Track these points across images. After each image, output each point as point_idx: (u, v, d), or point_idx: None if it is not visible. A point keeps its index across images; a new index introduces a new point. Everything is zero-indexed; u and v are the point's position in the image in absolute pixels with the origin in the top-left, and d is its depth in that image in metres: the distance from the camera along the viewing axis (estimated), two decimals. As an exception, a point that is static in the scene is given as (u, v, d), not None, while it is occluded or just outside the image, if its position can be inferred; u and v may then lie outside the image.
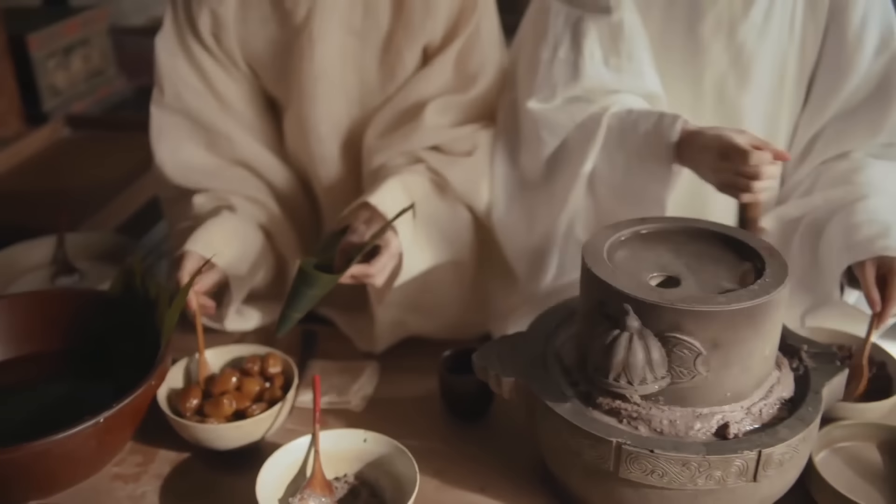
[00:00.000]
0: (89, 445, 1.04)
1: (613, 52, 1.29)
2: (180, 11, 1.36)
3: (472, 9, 1.34)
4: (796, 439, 0.96)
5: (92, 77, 2.43)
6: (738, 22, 1.28)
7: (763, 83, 1.33)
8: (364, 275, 1.21)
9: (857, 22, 1.28)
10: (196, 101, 1.39)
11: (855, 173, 1.29)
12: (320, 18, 1.31)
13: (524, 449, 1.15)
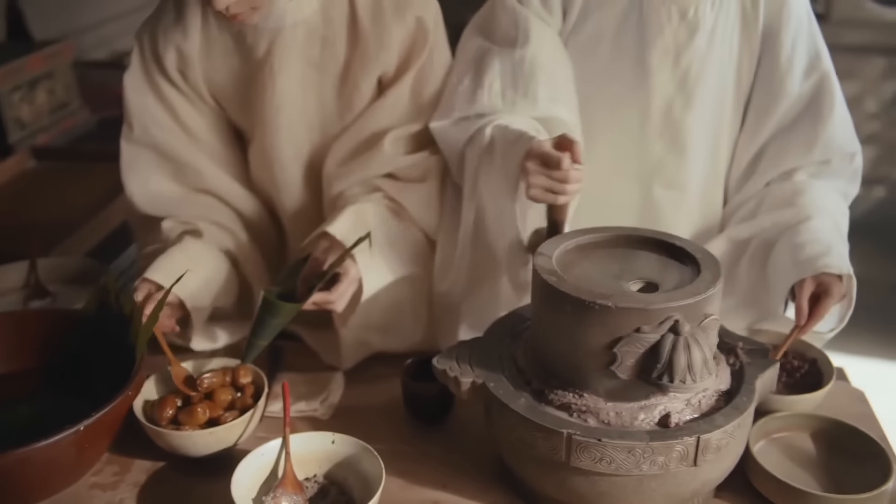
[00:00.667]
0: (69, 454, 1.09)
1: (511, 86, 1.36)
2: (147, 50, 1.42)
3: (424, 41, 1.41)
4: (732, 425, 1.04)
5: (56, 110, 2.48)
6: (683, 49, 1.38)
7: (706, 105, 1.42)
8: (325, 301, 1.29)
9: (788, 47, 1.39)
10: (164, 135, 1.45)
11: (798, 196, 1.39)
12: (280, 52, 1.38)
13: (483, 449, 1.22)
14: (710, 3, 1.36)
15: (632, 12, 1.37)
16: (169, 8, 1.41)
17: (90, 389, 1.23)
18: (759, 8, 1.38)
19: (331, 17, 1.38)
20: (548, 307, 1.08)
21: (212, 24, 1.39)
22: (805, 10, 1.40)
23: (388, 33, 1.38)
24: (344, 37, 1.40)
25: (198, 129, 1.46)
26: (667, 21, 1.36)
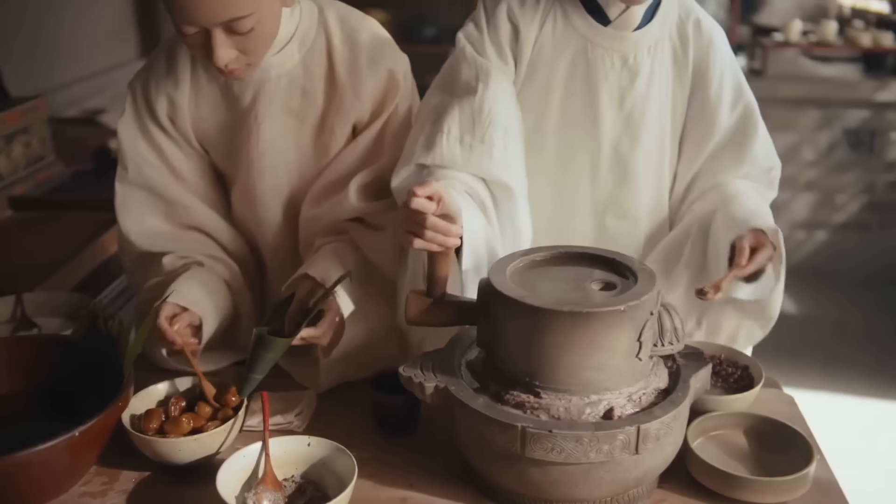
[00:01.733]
0: (63, 459, 1.18)
1: (469, 131, 1.44)
2: (140, 98, 1.54)
3: (395, 92, 1.54)
4: (668, 416, 1.16)
5: (32, 163, 2.58)
6: (626, 93, 1.53)
7: (649, 142, 1.57)
8: (312, 337, 1.40)
9: (716, 83, 1.54)
10: (155, 176, 1.56)
11: (725, 186, 1.55)
12: (264, 102, 1.51)
13: (446, 453, 1.32)
14: (647, 50, 1.51)
15: (578, 61, 1.51)
16: (161, 61, 1.54)
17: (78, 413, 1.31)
18: (688, 51, 1.54)
19: (310, 70, 1.51)
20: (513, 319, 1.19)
21: (201, 76, 1.52)
22: (727, 49, 1.56)
23: (363, 84, 1.51)
24: (322, 88, 1.52)
25: (185, 171, 1.58)
26: (610, 67, 1.51)
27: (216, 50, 1.34)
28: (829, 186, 4.44)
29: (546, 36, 1.50)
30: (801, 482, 1.23)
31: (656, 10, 1.50)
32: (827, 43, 4.41)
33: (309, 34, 1.51)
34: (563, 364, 1.17)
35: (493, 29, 1.50)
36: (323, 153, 1.55)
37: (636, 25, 1.49)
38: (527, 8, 1.50)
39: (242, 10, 1.30)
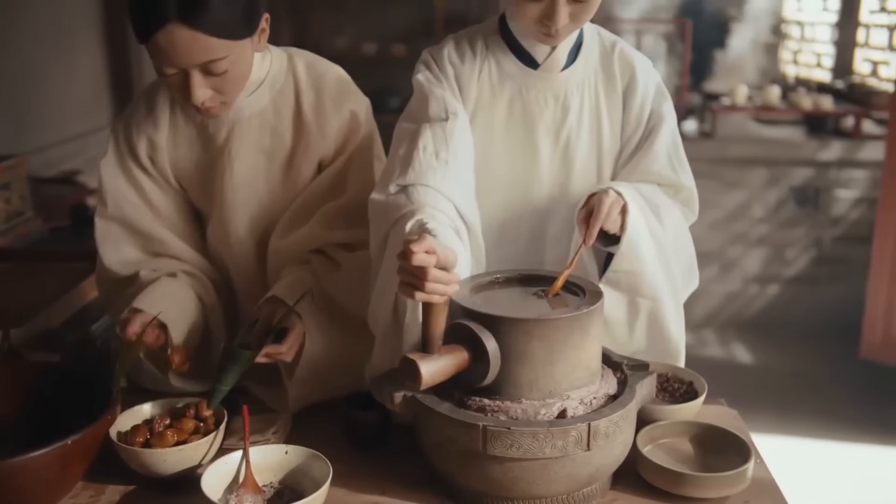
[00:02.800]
0: (55, 467, 1.26)
1: (444, 147, 1.54)
2: (122, 140, 1.66)
3: (357, 131, 1.68)
4: (617, 415, 1.28)
5: (12, 218, 2.67)
6: (560, 127, 1.66)
7: (585, 168, 1.68)
8: (276, 352, 1.50)
9: (640, 101, 1.66)
10: (133, 212, 1.67)
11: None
12: (237, 140, 1.63)
13: (416, 464, 1.42)
14: (575, 87, 1.65)
15: (515, 102, 1.65)
16: (141, 105, 1.67)
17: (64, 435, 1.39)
18: (615, 80, 1.65)
19: (280, 111, 1.65)
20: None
21: (179, 118, 1.65)
22: (651, 74, 1.68)
23: (328, 124, 1.65)
24: (290, 127, 1.65)
25: (163, 207, 1.69)
26: (544, 106, 1.65)
27: (194, 90, 1.46)
28: (780, 242, 4.63)
29: (484, 82, 1.64)
30: (740, 478, 1.34)
31: (578, 53, 1.66)
32: (771, 106, 4.66)
33: (278, 78, 1.65)
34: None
35: (443, 74, 1.63)
36: (291, 188, 1.67)
37: (562, 66, 1.64)
38: (465, 59, 1.64)
39: (217, 54, 1.43)
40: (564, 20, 1.49)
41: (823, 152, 4.49)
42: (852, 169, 4.50)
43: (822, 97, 4.64)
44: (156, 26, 1.38)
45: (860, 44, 5.71)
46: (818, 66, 6.28)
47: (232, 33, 1.44)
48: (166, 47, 1.40)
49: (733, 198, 4.57)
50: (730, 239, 4.62)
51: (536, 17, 1.50)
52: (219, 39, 1.42)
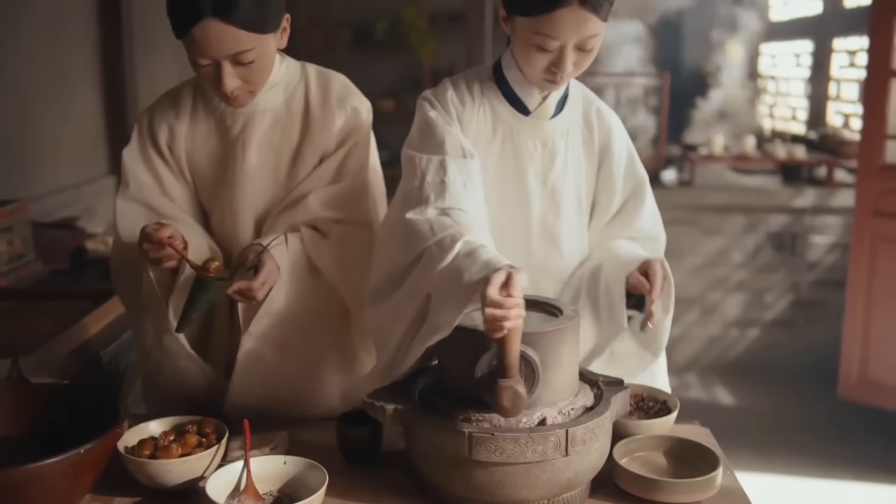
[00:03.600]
0: (69, 475, 1.34)
1: (468, 180, 1.65)
2: (145, 128, 1.83)
3: (358, 127, 1.84)
4: (593, 423, 1.38)
5: (14, 259, 2.77)
6: (548, 171, 1.79)
7: (570, 212, 1.81)
8: (247, 288, 1.62)
9: (617, 160, 1.81)
10: (150, 194, 1.82)
11: (609, 243, 1.81)
12: (250, 132, 1.79)
13: (406, 475, 1.51)
14: (561, 134, 1.78)
15: (507, 145, 1.77)
16: (167, 99, 1.84)
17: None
18: (593, 133, 1.80)
19: (291, 110, 1.81)
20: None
21: (200, 111, 1.82)
22: (624, 133, 1.84)
23: (333, 119, 1.81)
24: (299, 125, 1.82)
25: (175, 193, 1.84)
26: (534, 150, 1.77)
27: (225, 78, 1.63)
28: (758, 286, 4.76)
29: (480, 125, 1.76)
30: (709, 484, 1.44)
31: (565, 103, 1.79)
32: (747, 156, 4.83)
33: (292, 82, 1.83)
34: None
35: (448, 115, 1.73)
36: (293, 178, 1.83)
37: (551, 115, 1.77)
38: (465, 102, 1.76)
39: (246, 45, 1.60)
40: (570, 67, 1.61)
41: (798, 200, 4.65)
42: (826, 215, 4.66)
43: (796, 147, 4.82)
44: (192, 21, 1.56)
45: (832, 97, 5.93)
46: (793, 118, 6.51)
47: (259, 27, 1.61)
48: (201, 40, 1.58)
49: (712, 244, 4.70)
50: (710, 284, 4.75)
51: (545, 67, 1.63)
52: (247, 33, 1.59)
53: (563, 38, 1.58)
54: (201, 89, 1.83)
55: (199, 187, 1.87)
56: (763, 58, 6.92)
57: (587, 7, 1.54)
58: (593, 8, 1.54)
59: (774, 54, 6.91)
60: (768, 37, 6.63)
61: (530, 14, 1.58)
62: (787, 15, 6.66)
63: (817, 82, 6.04)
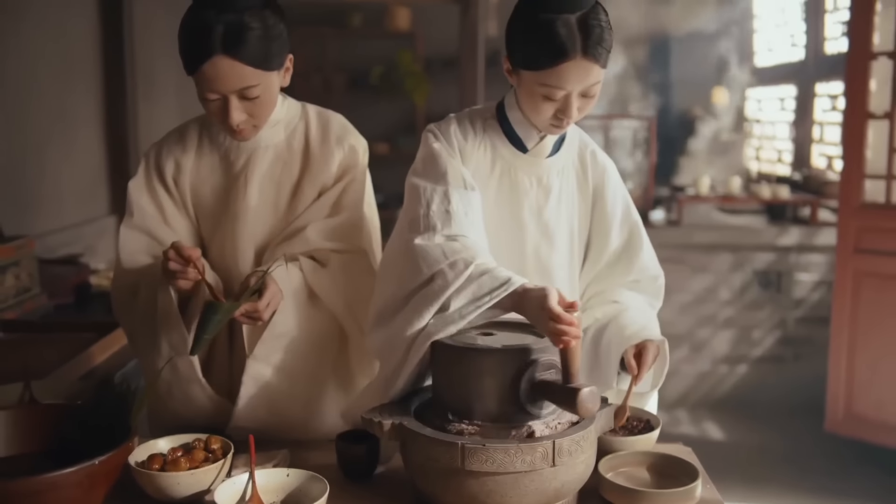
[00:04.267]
0: (83, 486, 1.42)
1: (470, 210, 1.76)
2: (152, 162, 1.92)
3: (355, 163, 1.94)
4: (578, 436, 1.46)
5: (21, 293, 2.85)
6: (543, 207, 1.89)
7: (563, 247, 1.91)
8: (253, 310, 1.70)
9: (611, 202, 1.92)
10: (152, 224, 1.91)
11: (618, 296, 1.90)
12: (252, 166, 1.89)
13: (401, 489, 1.59)
14: (556, 173, 1.89)
15: (504, 180, 1.87)
16: (174, 134, 1.93)
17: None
18: (588, 175, 1.92)
19: (291, 147, 1.91)
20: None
21: (205, 146, 1.91)
22: (618, 177, 1.95)
23: (332, 156, 1.91)
24: (299, 161, 1.92)
25: (176, 224, 1.92)
26: (529, 187, 1.88)
27: (231, 112, 1.73)
28: (746, 323, 4.86)
29: (480, 159, 1.86)
30: (689, 495, 1.52)
31: (562, 143, 1.90)
32: (733, 196, 4.96)
33: (293, 120, 1.93)
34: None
35: (451, 148, 1.83)
36: (293, 211, 1.92)
37: (548, 154, 1.88)
38: (468, 137, 1.85)
39: (252, 81, 1.71)
40: (575, 113, 1.73)
41: (783, 238, 4.77)
42: (811, 254, 4.77)
43: (780, 187, 4.95)
44: (204, 58, 1.66)
45: (816, 140, 6.10)
46: (779, 161, 6.66)
47: (264, 65, 1.71)
48: (211, 75, 1.68)
49: (700, 282, 4.81)
50: (698, 321, 4.85)
51: (552, 114, 1.74)
52: (253, 69, 1.69)
53: (569, 88, 1.68)
54: (207, 126, 1.93)
55: (200, 220, 1.96)
56: (749, 102, 7.10)
57: (589, 58, 1.65)
58: (595, 58, 1.65)
59: (760, 99, 7.09)
60: (754, 82, 6.81)
61: (537, 68, 1.68)
62: (772, 61, 6.85)
63: (801, 126, 6.21)
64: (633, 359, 1.73)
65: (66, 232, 4.03)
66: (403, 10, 7.19)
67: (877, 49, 3.92)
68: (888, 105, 3.91)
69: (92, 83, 4.56)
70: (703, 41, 6.98)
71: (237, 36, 1.66)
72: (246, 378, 1.80)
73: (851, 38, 3.97)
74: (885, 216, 3.94)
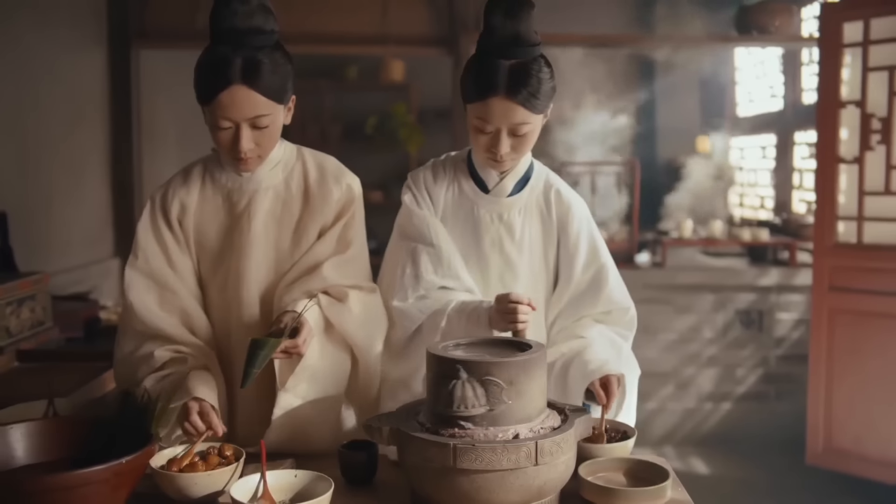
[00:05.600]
0: (110, 483, 1.55)
1: (438, 266, 2.03)
2: (158, 204, 2.04)
3: (352, 200, 2.09)
4: (559, 438, 1.62)
5: (35, 326, 3.00)
6: (504, 241, 2.09)
7: (528, 277, 2.10)
8: (293, 346, 1.84)
9: (574, 239, 2.11)
10: (157, 265, 2.02)
11: (585, 331, 2.08)
12: (255, 206, 2.03)
13: (398, 491, 1.75)
14: (518, 211, 2.09)
15: (468, 217, 2.10)
16: (178, 177, 2.07)
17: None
18: (552, 212, 2.11)
19: (290, 186, 2.07)
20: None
21: (208, 188, 2.05)
22: (585, 215, 2.14)
23: (330, 195, 2.06)
24: (299, 200, 2.07)
25: (181, 265, 2.04)
26: (490, 223, 2.09)
27: (242, 140, 1.88)
28: (729, 362, 5.02)
29: (449, 199, 2.10)
30: (660, 493, 1.67)
31: (526, 183, 2.10)
32: (714, 239, 5.16)
33: (290, 162, 2.08)
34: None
35: (420, 194, 2.10)
36: (296, 248, 2.06)
37: (508, 193, 2.09)
38: (438, 179, 2.11)
39: (264, 110, 1.87)
40: (506, 149, 1.95)
41: (764, 279, 4.95)
42: (790, 294, 4.96)
43: (760, 230, 5.15)
44: (222, 86, 1.82)
45: (795, 186, 6.32)
46: (762, 207, 6.88)
47: (276, 97, 1.89)
48: (227, 103, 1.84)
49: (685, 321, 4.98)
50: (683, 360, 5.01)
51: (486, 146, 1.97)
52: (266, 100, 1.86)
53: (495, 123, 1.93)
54: (210, 168, 2.08)
55: (201, 258, 2.07)
56: (732, 151, 7.34)
57: (512, 98, 1.89)
58: (517, 99, 1.89)
59: (743, 147, 7.34)
60: (737, 131, 7.07)
61: (470, 101, 1.97)
62: (753, 111, 7.10)
63: (781, 173, 6.43)
64: (601, 389, 1.92)
65: (74, 272, 4.21)
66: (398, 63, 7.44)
67: (845, 99, 4.15)
68: (857, 151, 4.13)
69: (99, 135, 4.78)
70: (688, 93, 7.26)
71: (253, 68, 1.84)
72: (277, 409, 1.93)
73: (821, 89, 4.20)
74: (857, 255, 4.13)
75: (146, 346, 1.98)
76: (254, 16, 1.86)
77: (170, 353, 1.97)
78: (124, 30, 4.86)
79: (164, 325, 1.99)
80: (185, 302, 2.03)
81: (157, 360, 1.96)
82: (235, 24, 1.84)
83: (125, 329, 2.03)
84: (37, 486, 1.51)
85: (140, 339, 1.99)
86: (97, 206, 4.73)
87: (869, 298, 4.08)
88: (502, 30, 1.91)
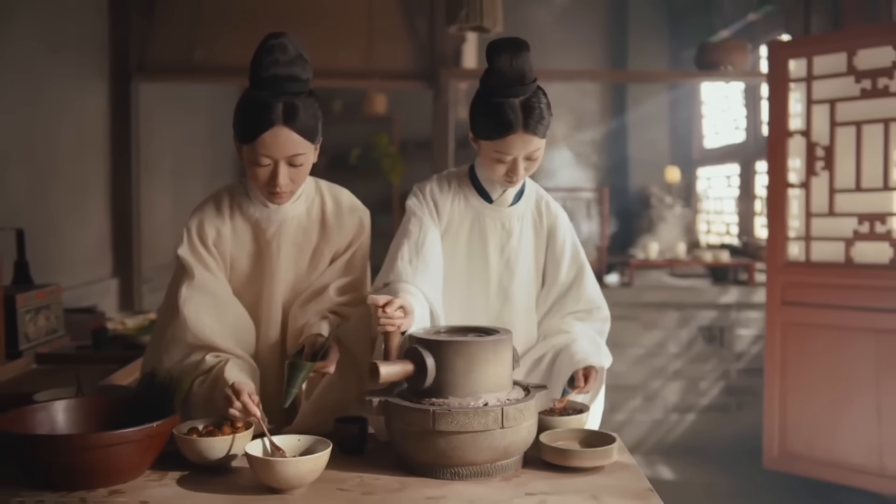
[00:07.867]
0: (143, 444, 1.84)
1: (415, 257, 2.28)
2: (194, 230, 2.27)
3: (362, 231, 2.38)
4: (521, 405, 1.92)
5: (50, 333, 3.28)
6: (505, 246, 2.39)
7: (522, 276, 2.39)
8: (323, 366, 2.10)
9: (560, 243, 2.42)
10: (208, 283, 2.25)
11: (570, 327, 2.38)
12: (281, 235, 2.29)
13: (384, 457, 2.04)
14: (516, 219, 2.40)
15: (474, 225, 2.38)
16: (210, 206, 2.30)
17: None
18: (542, 220, 2.42)
19: (311, 216, 2.34)
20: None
21: (237, 217, 2.30)
22: (568, 223, 2.45)
23: (345, 225, 2.35)
24: (317, 229, 2.34)
25: (224, 284, 2.29)
26: (493, 230, 2.38)
27: (280, 176, 2.10)
28: (693, 375, 5.34)
29: (454, 209, 2.38)
30: (608, 454, 1.98)
31: (522, 195, 2.42)
32: (678, 260, 5.50)
33: (310, 195, 2.35)
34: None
35: (425, 201, 2.37)
36: (313, 271, 2.34)
37: (509, 203, 2.39)
38: (443, 192, 2.39)
39: (301, 149, 2.10)
40: (523, 172, 2.25)
41: (725, 297, 5.29)
42: (749, 311, 5.29)
43: (721, 252, 5.50)
44: (265, 127, 2.04)
45: (757, 213, 6.68)
46: (727, 233, 7.24)
47: (311, 137, 2.12)
48: (270, 143, 2.06)
49: (651, 337, 5.30)
50: (650, 373, 5.32)
51: (504, 173, 2.26)
52: (303, 139, 2.09)
53: (515, 153, 2.21)
54: (236, 199, 2.31)
55: (232, 280, 2.32)
56: (699, 180, 7.72)
57: (529, 132, 2.18)
58: (534, 132, 2.19)
59: (709, 177, 7.72)
60: (702, 161, 7.45)
61: (490, 139, 2.22)
62: (718, 143, 7.49)
63: (745, 200, 6.80)
64: (582, 376, 2.23)
65: (77, 289, 4.47)
66: (380, 97, 7.80)
67: (792, 129, 4.52)
68: (804, 176, 4.49)
69: (101, 162, 5.07)
70: (656, 125, 7.65)
71: (293, 112, 2.08)
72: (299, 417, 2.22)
73: (771, 121, 4.57)
74: (806, 272, 4.47)
75: (195, 355, 2.21)
76: (293, 65, 2.11)
77: (216, 358, 2.20)
78: (126, 64, 5.17)
79: (216, 337, 2.22)
80: (237, 311, 2.29)
81: (206, 364, 2.18)
82: (277, 72, 2.09)
83: (176, 340, 2.24)
84: (84, 442, 1.80)
85: (190, 349, 2.22)
86: (98, 228, 5.00)
87: (818, 312, 4.41)
88: (510, 71, 2.17)
